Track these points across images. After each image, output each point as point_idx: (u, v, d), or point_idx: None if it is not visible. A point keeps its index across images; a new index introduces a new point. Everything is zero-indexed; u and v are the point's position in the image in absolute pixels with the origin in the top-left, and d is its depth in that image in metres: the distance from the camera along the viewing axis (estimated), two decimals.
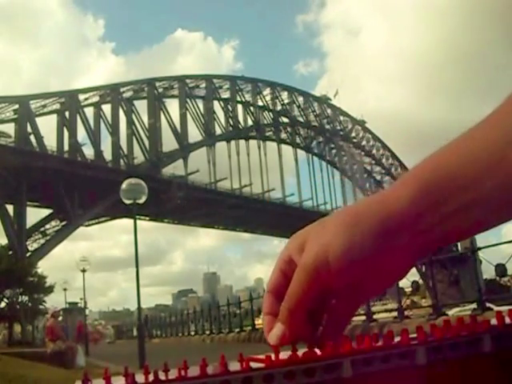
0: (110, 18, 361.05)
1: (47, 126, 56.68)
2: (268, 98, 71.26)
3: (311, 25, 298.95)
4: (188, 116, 61.90)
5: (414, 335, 0.43)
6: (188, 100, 62.58)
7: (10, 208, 48.50)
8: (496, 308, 8.87)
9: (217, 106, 65.63)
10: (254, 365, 0.40)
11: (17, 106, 51.55)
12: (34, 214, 61.05)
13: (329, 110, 79.16)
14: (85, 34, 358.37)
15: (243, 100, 68.48)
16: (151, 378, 0.37)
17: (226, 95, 67.16)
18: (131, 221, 12.12)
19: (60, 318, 14.02)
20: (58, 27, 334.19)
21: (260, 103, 70.32)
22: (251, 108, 68.78)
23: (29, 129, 51.21)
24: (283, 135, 72.46)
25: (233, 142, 65.55)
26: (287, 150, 72.33)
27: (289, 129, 73.15)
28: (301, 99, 75.33)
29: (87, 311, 34.85)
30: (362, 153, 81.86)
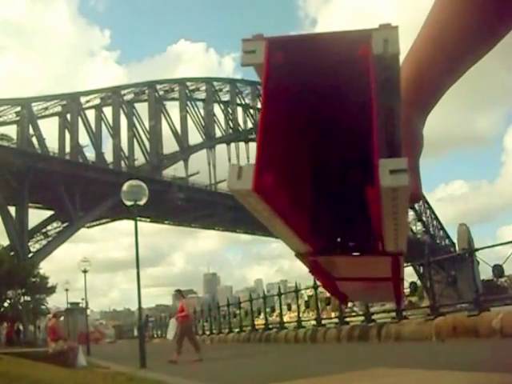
0: (114, 29, 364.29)
1: (49, 128, 56.93)
2: None
3: None
4: (188, 118, 62.14)
5: None
6: (188, 103, 62.77)
7: (12, 209, 48.72)
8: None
9: (217, 109, 65.89)
10: None
11: (19, 109, 51.75)
12: (36, 216, 61.18)
13: None
14: (89, 45, 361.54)
15: (243, 102, 68.69)
16: None
17: (226, 98, 67.38)
18: (132, 223, 12.23)
19: (62, 319, 14.13)
20: (64, 39, 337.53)
21: (259, 105, 70.11)
22: (251, 110, 68.91)
23: (31, 131, 51.43)
24: None
25: (233, 145, 65.79)
26: None
27: None
28: None
29: (88, 311, 34.96)
30: None
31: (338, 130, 0.46)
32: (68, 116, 55.04)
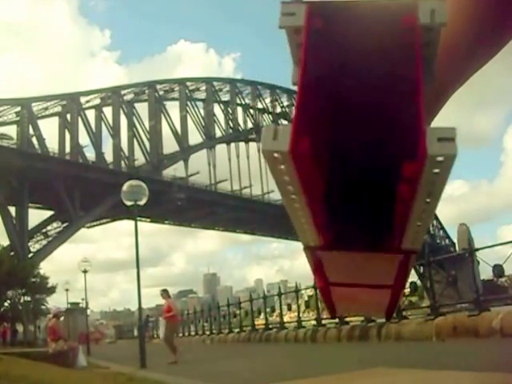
0: (114, 29, 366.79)
1: (49, 128, 56.99)
2: (268, 100, 71.54)
3: None
4: (188, 118, 62.21)
5: None
6: (188, 103, 62.83)
7: (12, 209, 48.74)
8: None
9: (217, 109, 65.96)
10: None
11: (19, 109, 51.79)
12: (36, 216, 61.30)
13: None
14: (90, 45, 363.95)
15: (243, 102, 68.76)
16: None
17: (225, 98, 67.45)
18: (133, 223, 12.23)
19: (62, 319, 14.14)
20: (65, 39, 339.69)
21: (260, 106, 70.53)
22: (251, 110, 68.99)
23: (31, 131, 51.47)
24: None
25: (233, 145, 65.88)
26: None
27: None
28: None
29: (88, 311, 35.01)
30: None
31: (376, 103, 0.42)
32: (68, 116, 55.09)
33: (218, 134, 64.85)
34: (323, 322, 13.72)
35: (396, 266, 0.46)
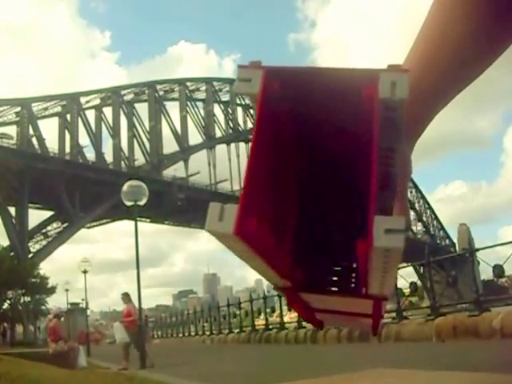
0: (114, 30, 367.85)
1: (49, 129, 57.02)
2: None
3: (304, 42, 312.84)
4: (188, 119, 62.27)
5: None
6: (188, 103, 62.89)
7: (12, 210, 48.73)
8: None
9: (217, 109, 66.02)
10: None
11: (19, 109, 51.81)
12: (36, 216, 61.28)
13: None
14: (90, 46, 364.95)
15: (243, 103, 68.72)
16: None
17: (225, 98, 67.52)
18: (133, 224, 12.22)
19: (62, 319, 14.14)
20: (65, 40, 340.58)
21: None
22: (251, 110, 68.95)
23: (31, 131, 51.48)
24: None
25: (233, 145, 65.91)
26: None
27: None
28: None
29: (88, 312, 35.03)
30: None
31: (332, 174, 0.42)
32: (68, 116, 55.12)
33: (218, 134, 64.95)
34: None
35: (370, 303, 0.45)
